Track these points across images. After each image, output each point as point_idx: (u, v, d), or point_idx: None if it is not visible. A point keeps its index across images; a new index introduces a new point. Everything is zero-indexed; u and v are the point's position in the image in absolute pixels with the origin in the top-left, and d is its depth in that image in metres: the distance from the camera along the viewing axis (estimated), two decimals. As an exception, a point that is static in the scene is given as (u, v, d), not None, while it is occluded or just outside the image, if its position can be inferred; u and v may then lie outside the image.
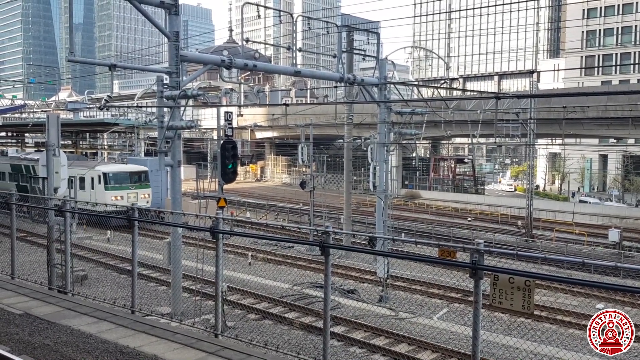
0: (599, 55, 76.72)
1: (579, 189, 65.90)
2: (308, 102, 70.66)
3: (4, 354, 7.18)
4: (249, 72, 43.15)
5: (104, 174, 31.88)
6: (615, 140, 62.65)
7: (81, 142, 52.74)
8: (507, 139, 44.49)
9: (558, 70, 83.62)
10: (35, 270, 18.46)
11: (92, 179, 31.97)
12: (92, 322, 9.03)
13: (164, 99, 15.92)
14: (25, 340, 8.02)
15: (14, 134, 58.88)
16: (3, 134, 57.19)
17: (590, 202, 52.03)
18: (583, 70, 75.61)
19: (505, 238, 34.65)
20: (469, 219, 44.04)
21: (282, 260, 24.13)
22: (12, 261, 12.66)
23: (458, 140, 77.98)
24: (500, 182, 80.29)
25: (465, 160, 70.20)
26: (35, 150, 52.67)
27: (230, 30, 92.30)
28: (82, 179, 32.91)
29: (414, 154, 53.91)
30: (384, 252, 17.62)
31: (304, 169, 52.23)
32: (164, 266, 20.95)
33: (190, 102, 16.84)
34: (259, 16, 23.36)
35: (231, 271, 21.21)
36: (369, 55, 24.87)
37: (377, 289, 19.95)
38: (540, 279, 6.21)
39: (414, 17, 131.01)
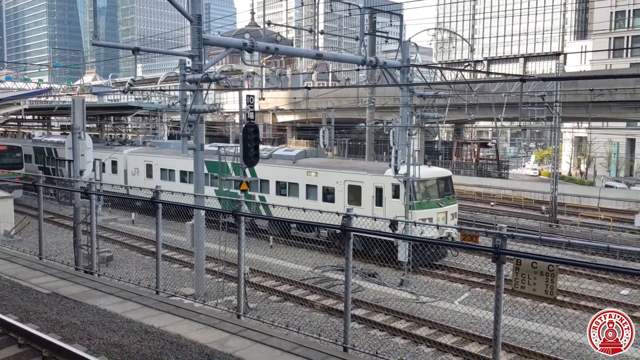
0: (628, 37, 74.73)
1: (601, 176, 64.73)
2: (330, 85, 70.28)
3: (34, 332, 7.37)
4: (270, 56, 43.14)
5: (407, 182, 20.62)
6: (643, 124, 61.24)
7: (105, 126, 53.34)
8: (532, 122, 43.77)
9: (585, 52, 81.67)
10: (62, 251, 18.90)
11: (378, 188, 21.77)
12: (117, 302, 9.22)
13: (187, 83, 15.99)
14: (53, 319, 8.22)
15: (40, 118, 59.78)
16: (29, 117, 58.09)
17: (616, 187, 51.07)
18: (611, 52, 73.79)
19: (528, 223, 34.29)
20: (492, 203, 43.62)
21: (302, 244, 24.26)
22: (39, 242, 12.95)
23: (482, 123, 76.93)
24: (524, 166, 79.20)
25: (489, 144, 69.33)
26: (62, 134, 53.50)
27: (252, 13, 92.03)
28: (326, 189, 23.47)
29: (437, 138, 53.35)
30: (405, 236, 17.59)
31: (325, 153, 52.24)
32: (188, 248, 21.23)
33: (213, 86, 16.88)
34: (281, -2, 23.30)
35: (253, 254, 21.39)
36: (391, 38, 24.58)
37: (398, 272, 19.96)
38: (564, 264, 6.16)
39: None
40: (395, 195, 21.17)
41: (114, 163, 33.74)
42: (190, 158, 27.08)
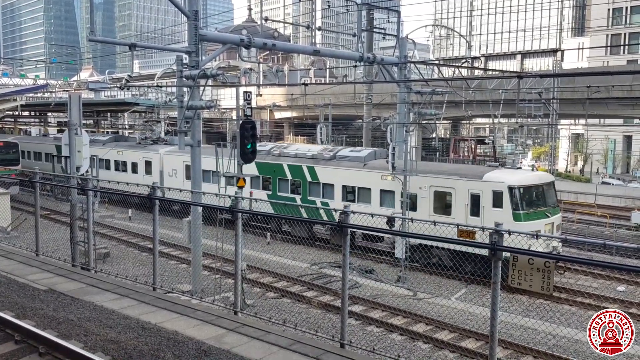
0: (625, 34, 74.80)
1: (597, 170, 64.88)
2: (327, 81, 70.22)
3: (30, 328, 7.36)
4: (268, 52, 43.08)
5: (512, 189, 18.26)
6: (640, 121, 61.37)
7: (102, 122, 53.22)
8: (529, 119, 43.82)
9: (582, 48, 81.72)
10: (58, 247, 18.87)
11: (474, 196, 18.87)
12: (114, 298, 9.21)
13: (184, 79, 15.97)
14: (50, 315, 8.21)
15: (37, 114, 59.60)
16: (26, 113, 57.93)
17: (613, 184, 51.18)
18: (608, 48, 73.85)
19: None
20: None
21: (300, 240, 24.25)
22: (36, 238, 12.94)
23: (479, 120, 77.04)
24: (521, 163, 79.30)
25: (486, 140, 69.27)
26: (58, 130, 53.36)
27: (250, 10, 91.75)
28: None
29: (434, 135, 53.32)
30: (402, 232, 17.62)
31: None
32: (185, 244, 21.22)
33: (210, 82, 16.85)
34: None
35: (250, 250, 21.39)
36: (389, 34, 24.57)
37: (395, 269, 19.99)
38: (560, 261, 6.17)
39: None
40: (497, 204, 18.39)
41: (148, 163, 31.24)
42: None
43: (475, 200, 18.87)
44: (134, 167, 31.79)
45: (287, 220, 21.72)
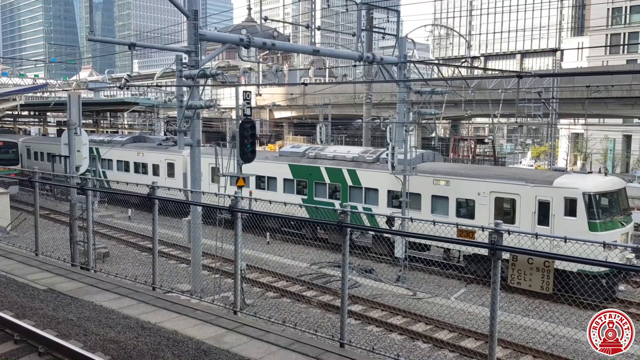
0: (624, 33, 74.81)
1: (599, 170, 64.84)
2: (327, 81, 70.23)
3: (30, 328, 7.36)
4: (267, 52, 43.07)
5: (587, 195, 16.88)
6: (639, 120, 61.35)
7: (102, 122, 53.21)
8: (528, 119, 43.81)
9: (582, 48, 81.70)
10: (58, 247, 18.86)
11: (542, 203, 17.43)
12: (114, 298, 9.21)
13: (183, 79, 15.97)
14: (50, 315, 8.21)
15: (36, 113, 59.59)
16: (25, 113, 57.93)
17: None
18: (608, 48, 73.86)
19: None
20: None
21: (300, 240, 24.24)
22: (35, 238, 12.93)
23: (478, 120, 77.03)
24: (520, 162, 79.28)
25: (486, 140, 69.37)
26: (58, 130, 53.25)
27: (249, 9, 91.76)
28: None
29: (434, 134, 53.32)
30: (401, 232, 17.62)
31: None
32: (184, 244, 21.22)
33: (209, 82, 16.86)
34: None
35: (250, 250, 21.40)
36: (388, 34, 24.56)
37: (394, 268, 19.99)
38: (560, 260, 6.17)
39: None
40: (570, 212, 16.95)
41: (170, 165, 29.79)
42: (270, 162, 24.70)
43: (543, 208, 17.43)
44: (155, 169, 30.41)
45: (306, 223, 20.80)
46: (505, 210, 18.52)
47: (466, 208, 19.30)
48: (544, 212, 17.44)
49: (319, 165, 23.30)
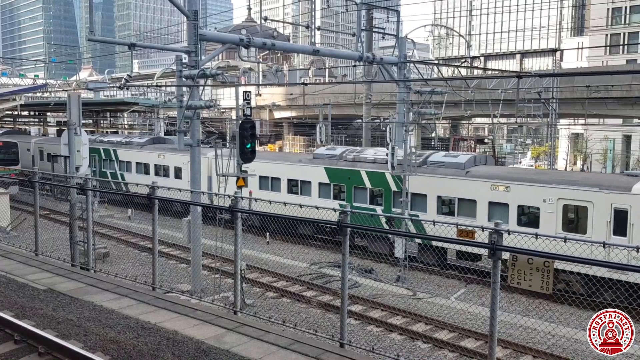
0: (624, 33, 74.83)
1: (602, 171, 64.87)
2: (326, 81, 70.23)
3: (30, 328, 7.36)
4: (267, 52, 43.09)
5: None
6: (639, 120, 61.37)
7: (102, 122, 53.20)
8: (528, 119, 43.80)
9: (582, 48, 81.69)
10: (58, 247, 18.87)
11: (619, 212, 16.17)
12: (114, 298, 9.21)
13: (183, 79, 15.97)
14: (50, 315, 8.21)
15: (36, 113, 59.57)
16: (25, 113, 57.93)
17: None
18: (608, 48, 73.88)
19: (524, 219, 34.33)
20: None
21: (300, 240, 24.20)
22: (35, 238, 12.93)
23: (478, 120, 77.01)
24: (520, 162, 79.29)
25: (486, 140, 69.36)
26: (57, 130, 53.20)
27: (249, 9, 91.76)
28: None
29: (433, 134, 53.32)
30: (401, 232, 17.64)
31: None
32: (184, 244, 21.22)
33: (209, 82, 16.86)
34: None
35: (250, 250, 21.40)
36: (388, 34, 24.58)
37: (394, 268, 19.99)
38: (560, 260, 6.17)
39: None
40: None
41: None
42: (304, 165, 23.71)
43: (620, 217, 16.05)
44: (178, 172, 29.16)
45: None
46: (575, 218, 17.27)
47: (529, 216, 17.96)
48: (620, 222, 16.07)
49: (358, 168, 22.08)
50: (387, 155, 21.43)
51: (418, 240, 20.23)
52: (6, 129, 52.45)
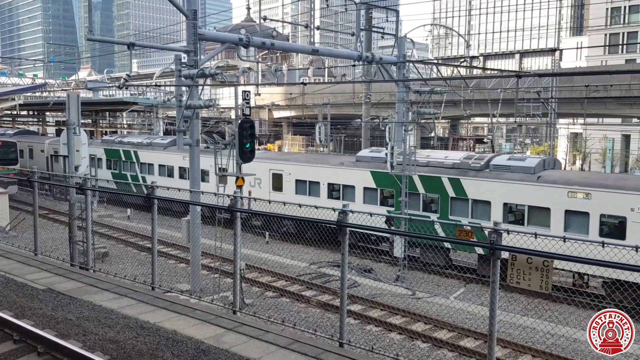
0: (623, 33, 74.89)
1: (601, 170, 64.91)
2: (326, 81, 70.24)
3: (29, 327, 7.35)
4: (266, 51, 43.09)
5: None
6: (638, 120, 61.42)
7: (101, 121, 53.19)
8: (527, 118, 43.81)
9: (581, 48, 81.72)
10: (57, 247, 18.87)
11: None
12: (113, 297, 9.20)
13: (182, 78, 15.96)
14: (49, 314, 8.20)
15: (35, 113, 59.55)
16: (24, 112, 57.91)
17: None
18: (607, 48, 73.92)
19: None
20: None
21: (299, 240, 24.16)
22: (35, 238, 12.92)
23: (477, 119, 77.03)
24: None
25: (485, 140, 69.41)
26: (57, 129, 53.11)
27: (248, 9, 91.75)
28: None
29: (433, 134, 53.36)
30: (401, 231, 17.63)
31: (321, 149, 52.12)
32: (184, 244, 21.21)
33: (208, 81, 16.85)
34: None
35: (249, 249, 21.40)
36: (387, 34, 24.58)
37: (394, 268, 19.99)
38: (559, 259, 6.17)
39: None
40: None
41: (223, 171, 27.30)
42: (347, 168, 22.29)
43: None
44: (204, 175, 26.95)
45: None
46: None
47: (613, 226, 16.40)
48: None
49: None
50: (445, 158, 20.73)
51: (480, 251, 18.96)
52: (17, 129, 52.23)
